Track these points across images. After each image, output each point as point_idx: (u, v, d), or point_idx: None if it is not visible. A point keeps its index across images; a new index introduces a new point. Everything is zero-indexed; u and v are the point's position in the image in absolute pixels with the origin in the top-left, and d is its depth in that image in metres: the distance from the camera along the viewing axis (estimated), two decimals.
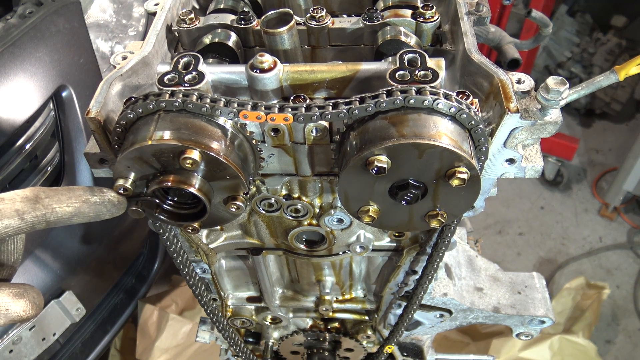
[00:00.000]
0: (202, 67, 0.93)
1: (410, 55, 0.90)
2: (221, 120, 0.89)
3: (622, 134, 5.28)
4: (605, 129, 5.36)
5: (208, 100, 0.86)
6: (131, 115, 0.87)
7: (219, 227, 1.33)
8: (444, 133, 0.82)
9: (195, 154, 0.83)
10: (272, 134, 0.97)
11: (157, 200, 0.92)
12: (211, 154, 0.85)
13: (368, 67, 0.95)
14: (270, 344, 1.82)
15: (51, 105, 1.92)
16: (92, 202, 0.80)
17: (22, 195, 0.75)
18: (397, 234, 1.31)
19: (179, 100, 0.85)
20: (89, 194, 0.80)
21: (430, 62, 0.89)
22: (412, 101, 0.82)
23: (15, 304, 0.74)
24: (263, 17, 1.06)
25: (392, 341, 1.63)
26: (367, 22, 1.10)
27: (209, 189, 0.89)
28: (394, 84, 0.86)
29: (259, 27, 1.09)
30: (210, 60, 1.09)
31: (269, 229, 1.31)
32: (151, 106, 0.86)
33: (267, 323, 1.75)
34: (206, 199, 0.88)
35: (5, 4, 1.99)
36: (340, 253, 1.38)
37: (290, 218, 1.24)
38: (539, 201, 4.79)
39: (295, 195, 1.17)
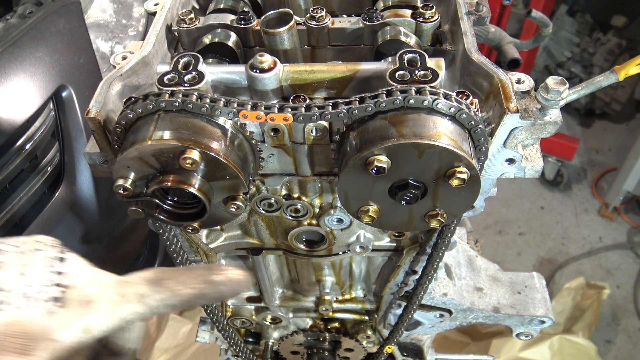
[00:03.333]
0: (202, 67, 0.93)
1: (410, 55, 0.90)
2: (221, 120, 0.89)
3: (622, 134, 5.28)
4: (605, 129, 5.36)
5: (208, 100, 0.86)
6: (131, 115, 0.87)
7: (218, 227, 1.33)
8: (443, 133, 0.82)
9: (195, 154, 0.83)
10: (272, 134, 0.97)
11: (157, 200, 0.92)
12: (211, 154, 0.85)
13: (368, 67, 0.95)
14: (270, 344, 1.82)
15: (51, 105, 1.92)
16: (214, 282, 0.73)
17: (146, 276, 0.71)
18: (397, 234, 1.31)
19: (179, 100, 0.85)
20: (209, 274, 0.74)
21: (430, 62, 0.89)
22: (411, 101, 0.82)
23: None
24: (263, 17, 1.06)
25: (392, 341, 1.63)
26: (367, 22, 1.10)
27: (208, 189, 0.89)
28: (393, 84, 0.86)
29: (258, 27, 1.09)
30: (210, 60, 1.09)
31: (268, 229, 1.31)
32: (151, 106, 0.86)
33: (267, 323, 1.75)
34: (206, 199, 0.88)
35: (5, 4, 1.99)
36: (340, 253, 1.38)
37: (290, 218, 1.24)
38: (539, 201, 4.79)
39: (295, 195, 1.17)
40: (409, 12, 1.10)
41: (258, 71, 0.92)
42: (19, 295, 0.64)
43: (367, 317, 1.71)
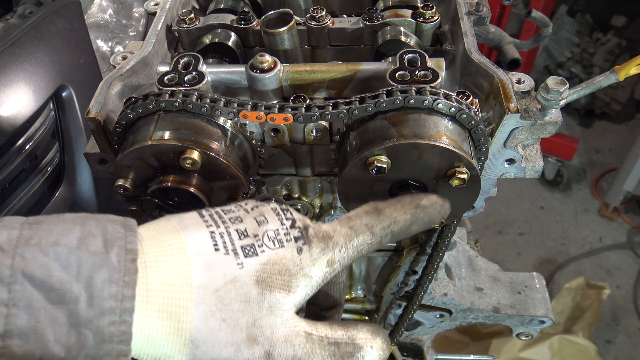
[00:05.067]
0: (202, 67, 0.93)
1: (410, 55, 0.90)
2: (221, 121, 0.89)
3: (622, 134, 5.28)
4: (605, 129, 5.36)
5: (208, 100, 0.86)
6: (131, 115, 0.87)
7: None
8: (443, 133, 0.82)
9: (195, 154, 0.83)
10: (272, 134, 0.97)
11: (157, 200, 0.92)
12: (211, 154, 0.85)
13: (368, 67, 0.95)
14: None
15: (51, 105, 1.92)
16: (425, 206, 0.77)
17: (365, 209, 0.74)
18: None
19: (179, 100, 0.85)
20: (418, 199, 0.77)
21: (430, 62, 0.89)
22: (412, 101, 0.82)
23: (376, 340, 0.72)
24: (263, 17, 1.06)
25: (392, 341, 1.63)
26: (367, 22, 1.10)
27: (209, 189, 0.89)
28: (394, 84, 0.86)
29: (259, 27, 1.09)
30: (210, 60, 1.09)
31: None
32: (151, 106, 0.86)
33: None
34: (206, 199, 0.88)
35: (5, 4, 1.99)
36: None
37: None
38: (539, 201, 4.79)
39: (295, 195, 1.17)
40: (409, 12, 1.10)
41: (258, 71, 0.92)
42: (266, 238, 0.67)
43: (367, 317, 1.71)
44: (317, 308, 0.83)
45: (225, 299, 0.63)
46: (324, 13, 1.10)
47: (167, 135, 0.84)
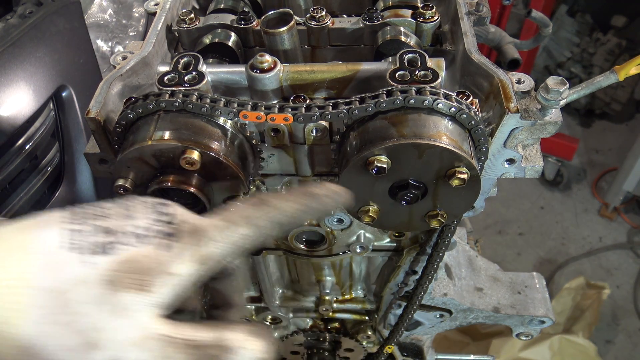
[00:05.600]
0: (202, 67, 0.93)
1: (410, 55, 0.90)
2: (221, 121, 0.89)
3: (622, 134, 5.28)
4: (605, 129, 5.36)
5: (208, 101, 0.86)
6: (131, 115, 0.87)
7: None
8: (444, 133, 0.82)
9: (195, 154, 0.83)
10: (272, 134, 0.97)
11: None
12: (211, 154, 0.85)
13: (368, 67, 0.95)
14: None
15: (51, 105, 1.92)
16: (317, 194, 0.72)
17: (249, 201, 0.69)
18: (397, 234, 1.31)
19: (179, 101, 0.85)
20: (309, 188, 0.73)
21: (430, 62, 0.89)
22: (412, 101, 0.82)
23: (253, 343, 0.67)
24: (263, 17, 1.06)
25: (392, 341, 1.63)
26: (367, 22, 1.10)
27: (209, 189, 0.89)
28: (394, 84, 0.86)
29: (259, 27, 1.09)
30: (210, 60, 1.09)
31: None
32: (151, 106, 0.86)
33: (267, 323, 1.75)
34: (206, 199, 0.88)
35: (5, 4, 1.99)
36: (340, 253, 1.38)
37: None
38: (539, 201, 4.79)
39: None
40: (409, 12, 1.10)
41: (258, 71, 0.92)
42: (129, 235, 0.63)
43: (367, 317, 1.71)
44: (212, 308, 0.79)
45: (68, 301, 0.59)
46: (324, 13, 1.10)
47: (167, 135, 0.84)
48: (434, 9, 1.09)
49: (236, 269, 0.76)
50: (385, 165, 0.82)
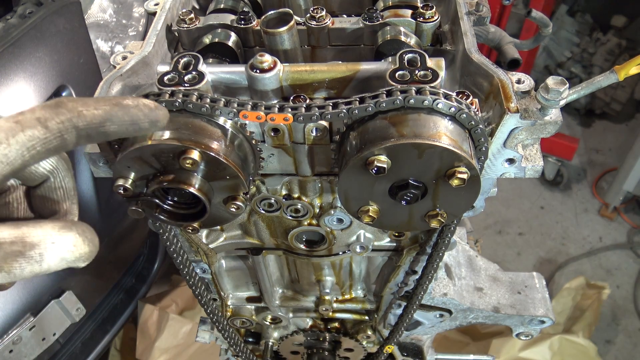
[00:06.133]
0: (202, 67, 0.93)
1: (410, 55, 0.90)
2: (221, 120, 0.89)
3: (622, 134, 5.28)
4: (605, 129, 5.36)
5: (208, 100, 0.86)
6: None
7: (218, 227, 1.33)
8: (443, 133, 0.82)
9: (195, 154, 0.83)
10: (272, 134, 0.97)
11: (157, 200, 0.92)
12: (211, 154, 0.85)
13: (368, 67, 0.95)
14: (270, 344, 1.82)
15: None
16: (124, 104, 0.68)
17: (43, 104, 0.64)
18: (397, 234, 1.31)
19: (179, 100, 0.85)
20: (119, 98, 0.69)
21: (430, 62, 0.89)
22: (412, 101, 0.82)
23: (62, 236, 0.63)
24: (263, 17, 1.06)
25: (392, 341, 1.63)
26: (367, 22, 1.10)
27: (209, 189, 0.89)
28: (393, 84, 0.86)
29: (259, 27, 1.09)
30: (210, 60, 1.09)
31: (268, 229, 1.31)
32: None
33: (267, 323, 1.75)
34: (206, 199, 0.88)
35: (5, 4, 1.99)
36: (340, 253, 1.38)
37: (290, 218, 1.24)
38: (539, 201, 4.80)
39: (295, 195, 1.17)
40: (409, 12, 1.10)
41: (258, 71, 0.92)
42: None
43: (367, 317, 1.71)
44: (40, 208, 0.74)
45: None
46: (324, 13, 1.10)
47: (167, 135, 0.84)
48: (434, 9, 1.09)
49: (53, 172, 0.72)
50: (385, 165, 0.82)
